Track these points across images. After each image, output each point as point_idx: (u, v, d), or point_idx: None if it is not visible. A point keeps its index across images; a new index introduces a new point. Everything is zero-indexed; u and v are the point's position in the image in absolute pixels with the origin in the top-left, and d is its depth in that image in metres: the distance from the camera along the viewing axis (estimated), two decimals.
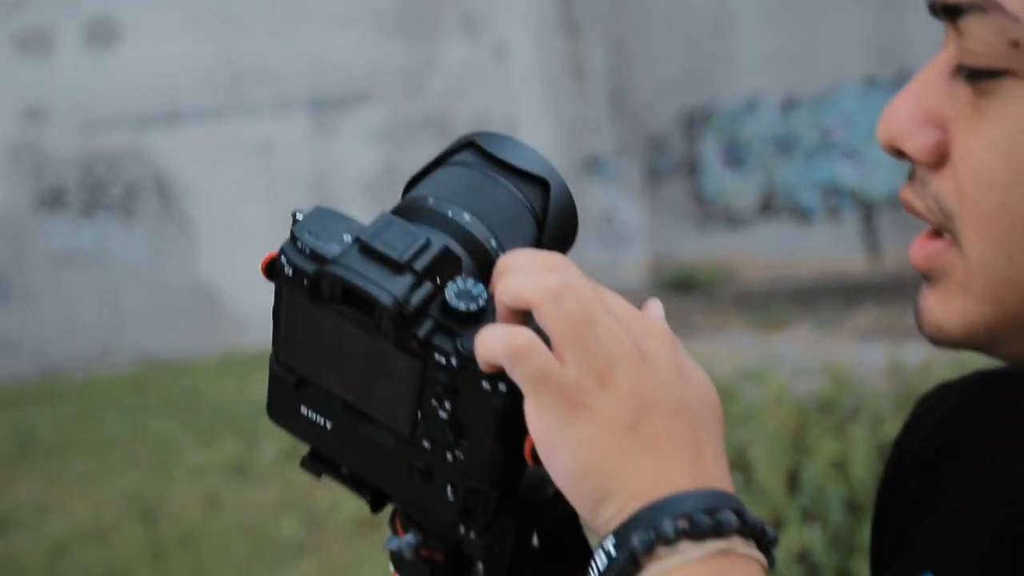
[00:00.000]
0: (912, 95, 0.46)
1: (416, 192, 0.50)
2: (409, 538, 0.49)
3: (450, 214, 0.48)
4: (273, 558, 4.41)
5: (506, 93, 9.97)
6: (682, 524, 0.40)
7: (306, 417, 0.49)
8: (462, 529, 0.47)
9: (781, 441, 3.98)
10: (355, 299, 0.44)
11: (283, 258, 0.47)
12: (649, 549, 0.41)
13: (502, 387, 0.44)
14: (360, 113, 9.39)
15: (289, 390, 0.49)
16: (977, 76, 0.43)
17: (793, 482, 3.77)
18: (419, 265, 0.44)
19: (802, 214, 10.81)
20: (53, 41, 8.84)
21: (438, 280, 0.45)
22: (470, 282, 0.45)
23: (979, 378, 0.58)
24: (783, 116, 10.82)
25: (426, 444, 0.44)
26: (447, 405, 0.44)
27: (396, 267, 0.45)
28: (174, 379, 8.19)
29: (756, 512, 0.73)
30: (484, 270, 0.49)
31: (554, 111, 10.70)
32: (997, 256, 0.44)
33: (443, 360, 0.44)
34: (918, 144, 0.45)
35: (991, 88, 0.42)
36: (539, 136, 10.63)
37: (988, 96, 0.43)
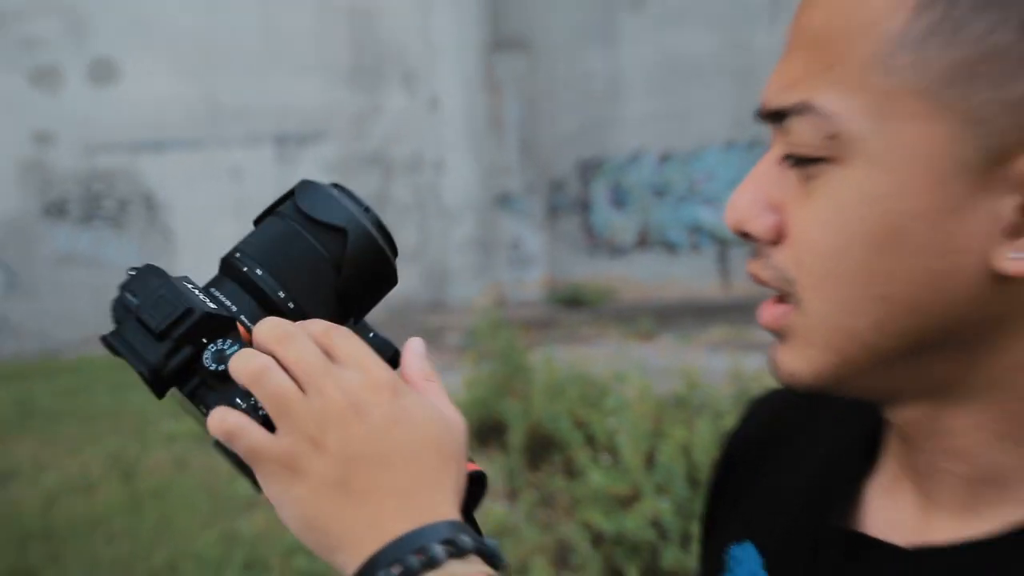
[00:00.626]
0: (751, 186, 0.50)
1: (237, 244, 0.55)
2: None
3: (245, 269, 0.53)
4: (229, 511, 4.53)
5: (437, 138, 11.17)
6: (396, 570, 0.43)
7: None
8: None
9: (642, 429, 4.20)
10: None
11: (112, 311, 0.51)
12: None
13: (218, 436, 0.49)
14: (316, 148, 10.45)
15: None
16: (802, 163, 0.47)
17: (650, 462, 4.00)
18: (178, 333, 0.48)
19: (670, 247, 12.39)
20: (61, 77, 9.72)
21: (204, 341, 0.49)
22: (227, 343, 0.50)
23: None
24: (659, 168, 12.40)
25: None
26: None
27: (157, 336, 0.49)
28: None
29: (619, 485, 2.35)
30: (268, 312, 0.53)
31: (475, 155, 12.04)
32: (832, 312, 0.47)
33: (204, 411, 0.49)
34: (759, 226, 0.49)
35: (815, 173, 0.47)
36: (462, 176, 12.16)
37: (813, 180, 0.47)
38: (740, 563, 0.62)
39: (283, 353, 0.47)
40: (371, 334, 0.55)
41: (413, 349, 0.53)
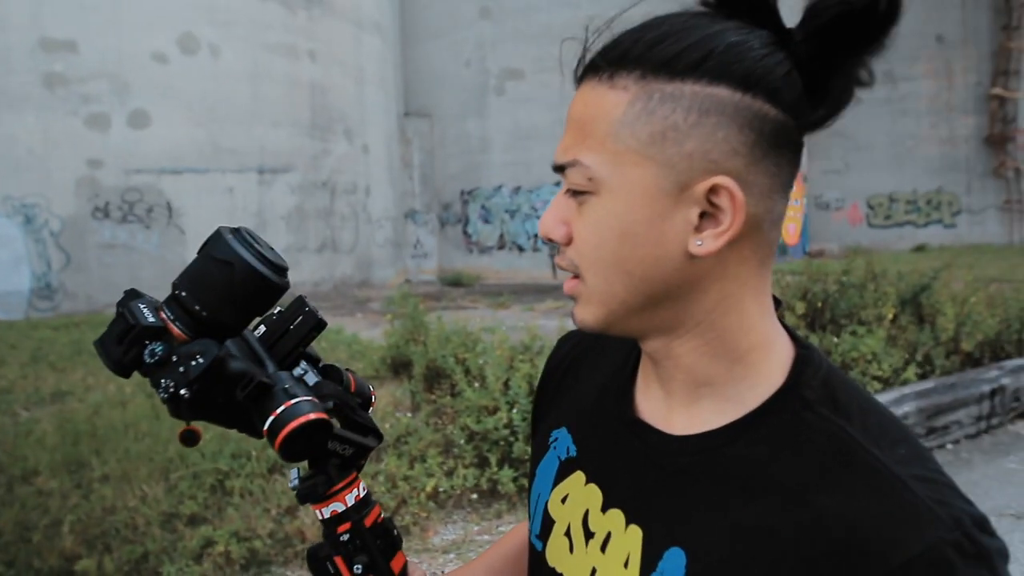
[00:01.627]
0: (552, 210, 0.64)
1: (178, 275, 0.69)
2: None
3: (177, 291, 0.67)
4: None
5: (367, 172, 13.09)
6: None
7: None
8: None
9: (501, 365, 4.56)
10: None
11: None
12: None
13: (162, 395, 0.64)
14: (285, 177, 12.00)
15: None
16: (577, 194, 0.62)
17: (506, 386, 4.38)
18: (128, 339, 0.64)
19: (519, 248, 15.52)
20: (109, 121, 10.96)
21: (145, 343, 0.64)
22: (156, 346, 0.64)
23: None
24: (513, 197, 15.38)
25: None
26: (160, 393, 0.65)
27: (117, 340, 0.64)
28: None
29: (486, 400, 3.85)
30: (197, 321, 0.67)
31: (392, 184, 14.22)
32: (600, 283, 0.62)
33: (151, 381, 0.65)
34: (557, 234, 0.63)
35: (583, 200, 0.61)
36: (383, 197, 13.95)
37: (583, 204, 0.61)
38: (559, 442, 0.77)
39: None
40: (306, 308, 0.73)
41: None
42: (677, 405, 0.68)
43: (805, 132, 0.61)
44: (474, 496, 3.88)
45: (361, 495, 0.76)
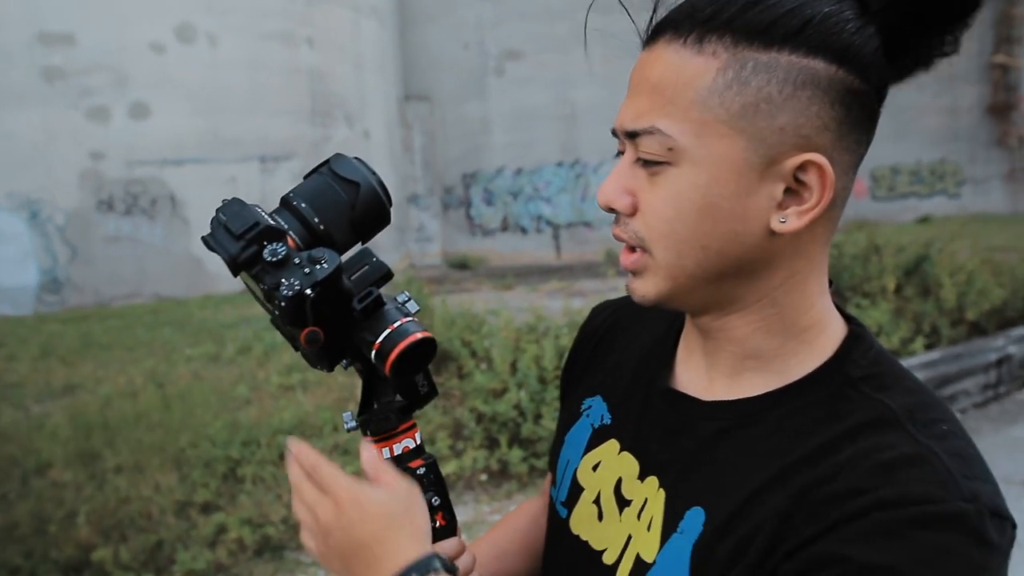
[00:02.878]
0: (614, 178, 0.62)
1: (291, 189, 0.69)
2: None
3: (294, 203, 0.68)
4: (231, 407, 4.84)
5: (368, 158, 10.41)
6: None
7: None
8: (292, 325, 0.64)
9: (508, 346, 4.58)
10: None
11: (210, 224, 0.65)
12: None
13: (279, 303, 0.63)
14: (287, 164, 11.76)
15: None
16: (649, 165, 0.60)
17: (513, 367, 4.43)
18: (248, 236, 0.63)
19: (522, 231, 15.52)
20: (110, 113, 10.91)
21: (265, 243, 0.64)
22: (279, 246, 0.64)
23: (629, 299, 0.70)
24: (514, 179, 15.33)
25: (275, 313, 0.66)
26: (271, 307, 0.65)
27: (235, 237, 0.64)
28: (176, 310, 9.64)
29: (493, 383, 3.95)
30: (311, 233, 0.68)
31: (393, 169, 13.88)
32: (671, 257, 0.61)
33: (264, 287, 0.64)
34: (621, 204, 0.62)
35: (658, 171, 0.59)
36: (385, 182, 14.76)
37: (657, 175, 0.59)
38: (592, 409, 0.78)
39: (303, 491, 0.63)
40: (373, 258, 0.71)
41: (367, 455, 0.65)
42: (719, 376, 0.68)
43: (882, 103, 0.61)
44: (484, 477, 3.91)
45: (419, 440, 0.76)
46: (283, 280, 0.64)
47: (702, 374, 0.69)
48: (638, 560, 0.66)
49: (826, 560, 0.53)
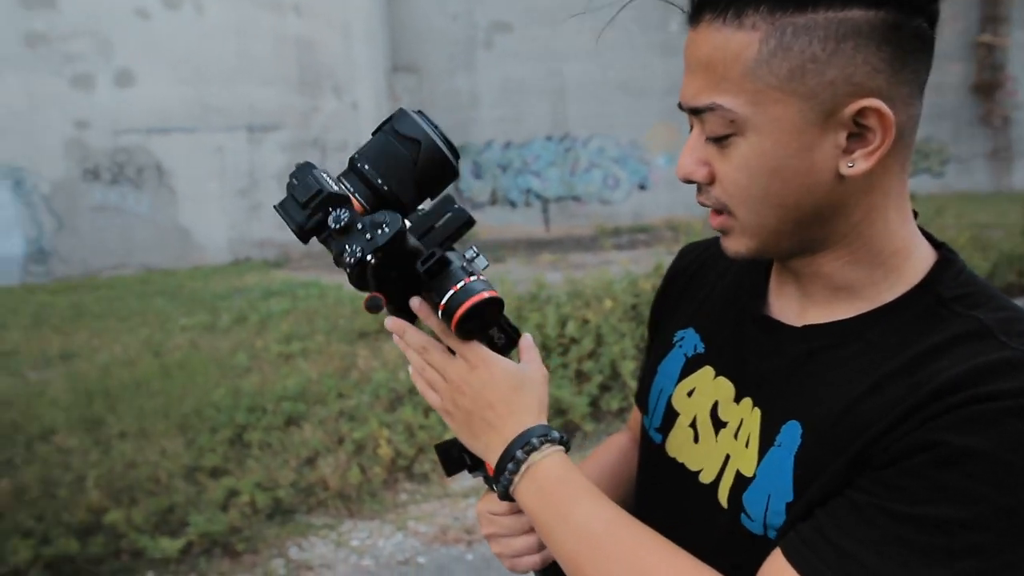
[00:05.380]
0: (688, 153, 0.66)
1: (358, 149, 0.70)
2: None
3: (358, 165, 0.69)
4: (232, 375, 4.90)
5: (356, 130, 12.94)
6: (520, 454, 0.68)
7: None
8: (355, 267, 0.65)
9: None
10: None
11: (286, 188, 0.65)
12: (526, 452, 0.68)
13: (344, 269, 0.65)
14: (275, 135, 11.85)
15: None
16: (718, 140, 0.64)
17: None
18: (313, 204, 0.65)
19: (512, 204, 15.61)
20: (95, 81, 10.90)
21: (330, 210, 0.65)
22: (342, 211, 0.65)
23: (717, 239, 0.76)
24: (504, 152, 15.43)
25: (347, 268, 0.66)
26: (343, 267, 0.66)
27: (302, 205, 0.66)
28: (165, 280, 9.76)
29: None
30: (376, 195, 0.69)
31: None
32: (752, 217, 0.65)
33: (331, 250, 0.66)
34: (699, 175, 0.66)
35: (726, 144, 0.63)
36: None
37: (726, 148, 0.63)
38: (684, 340, 0.82)
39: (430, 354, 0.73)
40: (454, 205, 0.73)
41: (526, 340, 0.75)
42: (812, 306, 0.71)
43: (935, 23, 0.62)
44: None
45: None
46: (346, 247, 0.65)
47: (795, 303, 0.72)
48: (738, 475, 0.70)
49: (923, 445, 0.57)
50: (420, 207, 0.74)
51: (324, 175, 0.69)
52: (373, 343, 5.55)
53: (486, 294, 0.69)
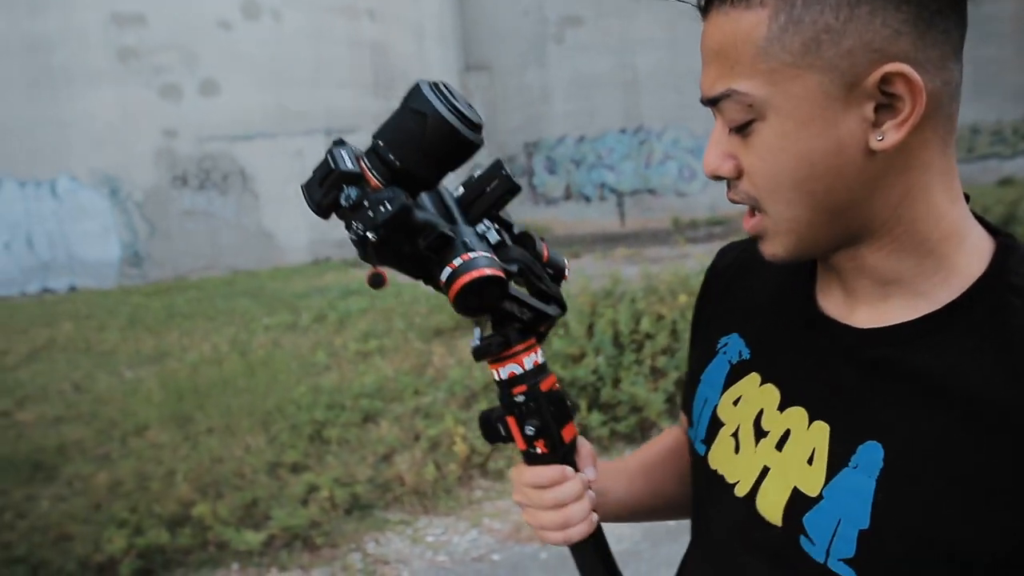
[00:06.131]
0: (713, 147, 0.63)
1: (381, 125, 0.69)
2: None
3: (375, 141, 0.69)
4: (312, 373, 5.04)
5: None
6: None
7: None
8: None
9: (585, 311, 4.70)
10: None
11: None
12: None
13: (352, 238, 0.66)
14: (352, 137, 10.10)
15: None
16: (739, 130, 0.60)
17: (590, 331, 4.53)
18: (327, 182, 0.66)
19: (586, 199, 15.60)
20: (182, 91, 11.50)
21: (343, 187, 0.66)
22: (352, 190, 0.66)
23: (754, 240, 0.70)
24: (577, 146, 15.40)
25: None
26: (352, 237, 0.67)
27: (319, 183, 0.67)
28: (249, 281, 10.19)
29: (571, 348, 4.16)
30: (390, 170, 0.68)
31: None
32: (785, 211, 0.61)
33: (344, 223, 0.67)
34: (726, 170, 0.63)
35: (748, 132, 0.60)
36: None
37: (749, 136, 0.60)
38: (728, 346, 0.77)
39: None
40: (503, 171, 0.74)
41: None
42: (860, 305, 0.66)
43: None
44: None
45: (539, 361, 0.76)
46: (353, 223, 0.66)
47: (841, 302, 0.68)
48: (797, 493, 0.64)
49: None
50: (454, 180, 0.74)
51: (345, 153, 0.68)
52: (449, 340, 5.59)
53: (487, 271, 0.67)
